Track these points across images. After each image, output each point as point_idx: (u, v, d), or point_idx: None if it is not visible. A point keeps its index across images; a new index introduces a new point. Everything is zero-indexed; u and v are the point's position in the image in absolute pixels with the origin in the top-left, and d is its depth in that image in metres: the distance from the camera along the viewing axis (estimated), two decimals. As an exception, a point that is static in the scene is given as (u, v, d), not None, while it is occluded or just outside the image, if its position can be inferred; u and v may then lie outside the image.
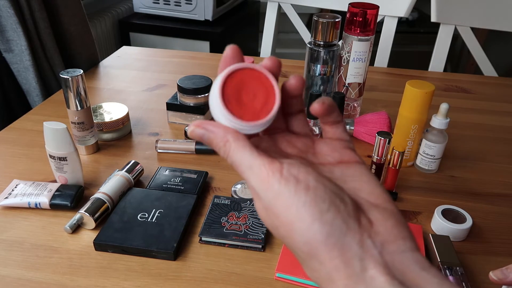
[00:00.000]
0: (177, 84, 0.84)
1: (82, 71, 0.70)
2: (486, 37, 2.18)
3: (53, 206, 0.61)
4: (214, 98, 0.27)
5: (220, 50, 1.72)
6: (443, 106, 0.68)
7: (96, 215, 0.58)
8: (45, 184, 0.64)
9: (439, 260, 0.52)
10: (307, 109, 0.73)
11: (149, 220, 0.58)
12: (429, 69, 1.25)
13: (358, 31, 0.78)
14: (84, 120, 0.73)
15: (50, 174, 0.69)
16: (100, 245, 0.55)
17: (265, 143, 0.31)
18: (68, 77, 0.68)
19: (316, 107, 0.30)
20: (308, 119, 0.78)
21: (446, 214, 0.60)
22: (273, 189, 0.25)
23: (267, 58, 0.29)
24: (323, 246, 0.24)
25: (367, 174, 0.29)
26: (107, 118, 0.79)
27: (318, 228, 0.24)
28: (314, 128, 0.78)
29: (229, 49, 0.29)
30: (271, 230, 0.27)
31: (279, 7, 1.36)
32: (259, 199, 0.27)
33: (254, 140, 0.30)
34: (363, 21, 0.77)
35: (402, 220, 0.27)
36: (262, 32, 1.39)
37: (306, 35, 1.37)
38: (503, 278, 0.41)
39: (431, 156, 0.71)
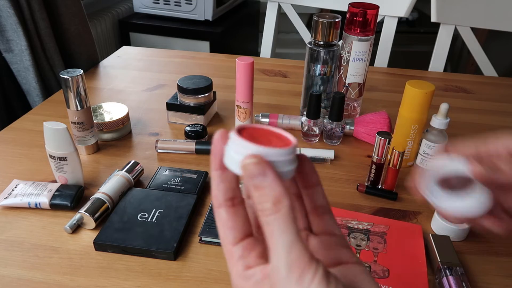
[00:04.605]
0: (177, 84, 0.84)
1: (82, 71, 0.70)
2: (486, 37, 2.18)
3: (53, 206, 0.61)
4: (234, 141, 0.25)
5: (220, 50, 1.72)
6: (443, 106, 0.68)
7: (96, 215, 0.58)
8: (45, 184, 0.64)
9: (439, 260, 0.52)
10: (308, 110, 0.73)
11: (149, 220, 0.58)
12: (429, 69, 1.25)
13: (358, 31, 0.78)
14: (84, 120, 0.73)
15: (50, 174, 0.69)
16: (100, 245, 0.55)
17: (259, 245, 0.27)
18: (68, 77, 0.68)
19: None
20: (307, 118, 0.78)
21: (446, 214, 0.60)
22: None
23: None
24: None
25: (368, 279, 0.26)
26: (107, 118, 0.79)
27: None
28: (314, 128, 0.78)
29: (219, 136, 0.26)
30: None
31: (279, 7, 1.36)
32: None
33: (248, 243, 0.26)
34: (363, 21, 0.77)
35: None
36: (262, 32, 1.39)
37: (306, 35, 1.37)
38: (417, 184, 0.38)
39: (431, 156, 0.71)
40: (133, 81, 1.06)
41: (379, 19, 1.03)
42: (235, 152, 0.25)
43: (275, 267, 0.23)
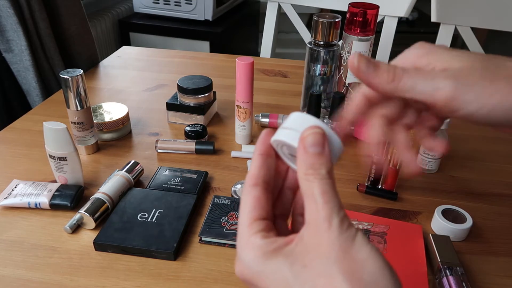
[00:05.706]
0: (177, 84, 0.84)
1: (82, 71, 0.70)
2: (486, 37, 2.18)
3: (53, 206, 0.61)
4: (299, 117, 0.29)
5: (220, 50, 1.72)
6: (443, 106, 0.68)
7: (96, 215, 0.58)
8: (45, 184, 0.64)
9: (439, 260, 0.52)
10: (308, 110, 0.73)
11: (149, 220, 0.58)
12: (429, 69, 1.24)
13: (358, 31, 0.78)
14: (84, 120, 0.73)
15: (50, 174, 0.69)
16: (100, 245, 0.55)
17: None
18: (68, 77, 0.68)
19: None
20: None
21: (446, 214, 0.60)
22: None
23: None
24: None
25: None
26: (107, 118, 0.79)
27: None
28: None
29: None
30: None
31: (279, 7, 1.35)
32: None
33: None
34: (363, 21, 0.77)
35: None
36: (262, 32, 1.39)
37: (306, 35, 1.37)
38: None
39: (431, 156, 0.71)
40: (133, 81, 1.06)
41: (379, 19, 1.03)
42: (293, 129, 0.29)
43: (324, 218, 0.26)
